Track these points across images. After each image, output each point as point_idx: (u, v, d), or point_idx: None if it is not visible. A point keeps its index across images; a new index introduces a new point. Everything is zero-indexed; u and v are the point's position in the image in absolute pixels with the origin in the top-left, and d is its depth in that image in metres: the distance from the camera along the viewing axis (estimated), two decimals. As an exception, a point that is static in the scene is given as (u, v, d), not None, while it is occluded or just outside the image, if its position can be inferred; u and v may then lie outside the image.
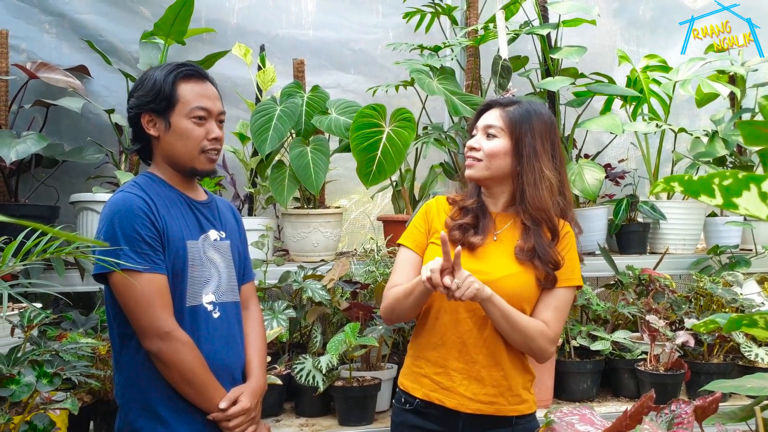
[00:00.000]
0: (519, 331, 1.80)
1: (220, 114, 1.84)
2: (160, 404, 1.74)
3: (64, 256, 1.66)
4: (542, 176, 1.85)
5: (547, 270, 1.85)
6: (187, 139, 1.78)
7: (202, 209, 1.87)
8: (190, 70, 1.82)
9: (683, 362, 2.63)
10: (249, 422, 1.81)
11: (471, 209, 1.93)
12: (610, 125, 3.09)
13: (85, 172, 3.05)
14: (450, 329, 1.88)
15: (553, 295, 1.87)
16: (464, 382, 1.85)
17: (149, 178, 1.83)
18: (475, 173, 1.91)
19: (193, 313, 1.77)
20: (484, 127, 1.91)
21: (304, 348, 2.73)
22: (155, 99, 1.79)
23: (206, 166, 1.83)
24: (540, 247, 1.85)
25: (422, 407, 1.89)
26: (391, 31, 3.64)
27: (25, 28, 3.09)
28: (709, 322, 1.21)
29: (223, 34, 3.36)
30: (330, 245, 3.01)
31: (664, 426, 1.05)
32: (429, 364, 1.89)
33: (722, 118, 3.61)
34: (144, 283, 1.68)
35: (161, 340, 1.68)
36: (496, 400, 1.86)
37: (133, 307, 1.69)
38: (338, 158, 3.17)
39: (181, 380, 1.72)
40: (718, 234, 3.45)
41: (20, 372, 1.58)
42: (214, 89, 1.86)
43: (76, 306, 2.62)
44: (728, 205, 0.75)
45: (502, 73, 3.06)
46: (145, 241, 1.70)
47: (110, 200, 1.77)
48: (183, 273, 1.76)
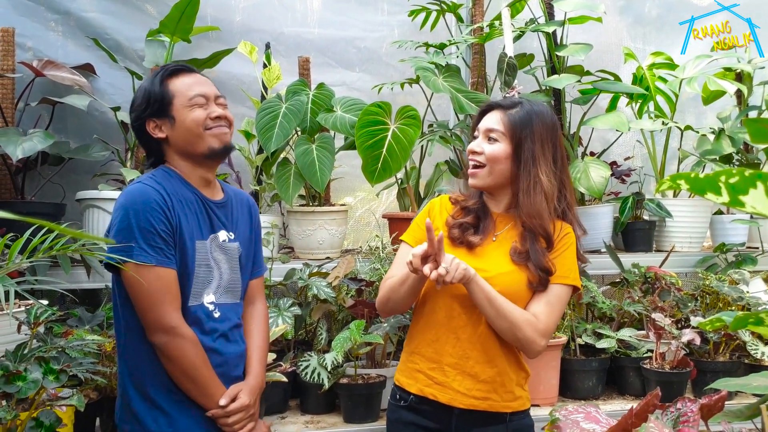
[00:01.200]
0: (504, 317, 1.79)
1: (218, 97, 1.85)
2: (161, 396, 1.76)
3: (70, 253, 1.66)
4: (537, 182, 1.84)
5: (540, 275, 1.85)
6: (192, 122, 1.80)
7: (216, 210, 1.87)
8: (175, 67, 1.85)
9: (689, 360, 2.63)
10: (248, 419, 1.82)
11: (472, 209, 1.93)
12: (616, 123, 3.08)
13: (91, 169, 3.06)
14: (444, 325, 1.89)
15: (546, 292, 1.87)
16: (458, 378, 1.86)
17: (167, 172, 1.83)
18: (478, 182, 1.91)
19: (197, 312, 1.79)
20: (486, 131, 1.90)
21: (310, 345, 2.73)
22: (149, 103, 1.81)
23: (216, 143, 1.82)
24: (533, 253, 1.85)
25: (417, 403, 1.90)
26: (396, 29, 3.64)
27: (31, 26, 3.10)
28: (716, 320, 1.21)
29: (228, 31, 3.37)
30: (335, 243, 3.02)
31: (669, 424, 1.05)
32: (424, 359, 1.91)
33: (729, 115, 3.60)
34: (155, 277, 1.69)
35: (166, 335, 1.70)
36: (490, 396, 1.86)
37: (141, 300, 1.70)
38: (343, 156, 3.17)
39: (183, 375, 1.73)
40: (725, 232, 3.44)
41: (27, 369, 1.58)
42: (205, 77, 1.89)
43: (82, 303, 2.63)
44: (735, 203, 0.75)
45: (508, 71, 3.06)
46: (160, 235, 1.71)
47: (127, 190, 1.77)
48: (190, 272, 1.77)
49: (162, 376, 1.75)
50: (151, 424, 1.75)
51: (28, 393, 1.54)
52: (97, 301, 2.70)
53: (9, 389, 1.53)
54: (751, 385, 1.18)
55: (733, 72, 3.53)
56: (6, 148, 2.51)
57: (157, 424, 1.75)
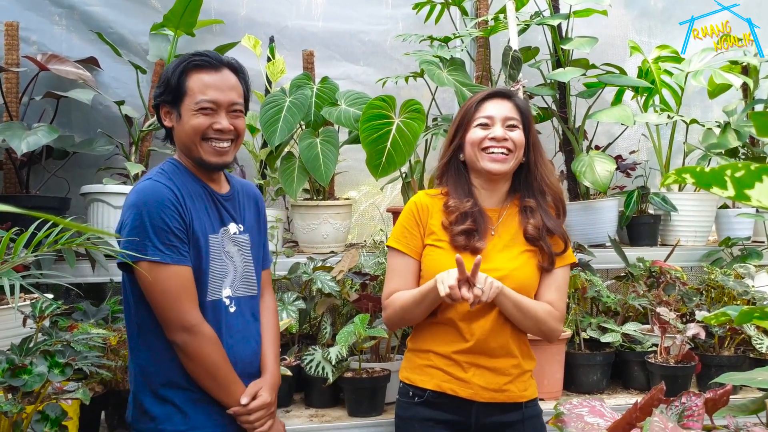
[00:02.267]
0: (531, 318, 1.87)
1: (231, 105, 1.77)
2: (174, 393, 1.75)
3: (75, 247, 1.66)
4: (543, 160, 2.01)
5: (550, 251, 1.93)
6: (191, 130, 1.76)
7: (224, 203, 1.86)
8: (201, 59, 1.78)
9: (694, 354, 2.62)
10: (269, 416, 1.82)
11: (470, 213, 1.93)
12: (621, 116, 3.07)
13: (95, 163, 3.06)
14: (456, 321, 1.89)
15: (553, 277, 1.95)
16: (477, 373, 1.89)
17: (175, 165, 1.82)
18: (505, 167, 1.95)
19: (214, 308, 1.78)
20: (504, 119, 1.94)
21: (314, 339, 2.73)
22: (165, 91, 1.78)
23: (211, 157, 1.77)
24: (550, 221, 1.94)
25: (434, 398, 1.91)
26: (400, 22, 3.63)
27: (35, 20, 3.10)
28: (721, 314, 1.21)
29: (232, 25, 3.36)
30: (339, 237, 3.02)
31: (674, 418, 1.05)
32: (437, 356, 1.92)
33: (735, 109, 3.58)
34: (171, 275, 1.68)
35: (187, 334, 1.69)
36: (508, 388, 1.90)
37: (159, 299, 1.69)
38: (348, 150, 3.16)
39: (204, 374, 1.72)
40: (730, 226, 3.43)
41: (32, 362, 1.59)
42: (231, 78, 1.80)
43: (87, 297, 2.63)
44: (740, 197, 0.74)
45: (513, 64, 3.05)
46: (174, 233, 1.69)
47: (137, 188, 1.74)
48: (206, 267, 1.76)
49: (175, 374, 1.74)
50: (166, 422, 1.74)
51: (34, 386, 1.54)
52: (102, 295, 2.71)
53: (15, 382, 1.53)
54: (756, 380, 1.17)
55: (739, 65, 3.51)
56: (11, 142, 2.51)
57: (171, 422, 1.74)
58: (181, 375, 1.74)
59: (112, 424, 2.21)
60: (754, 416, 1.17)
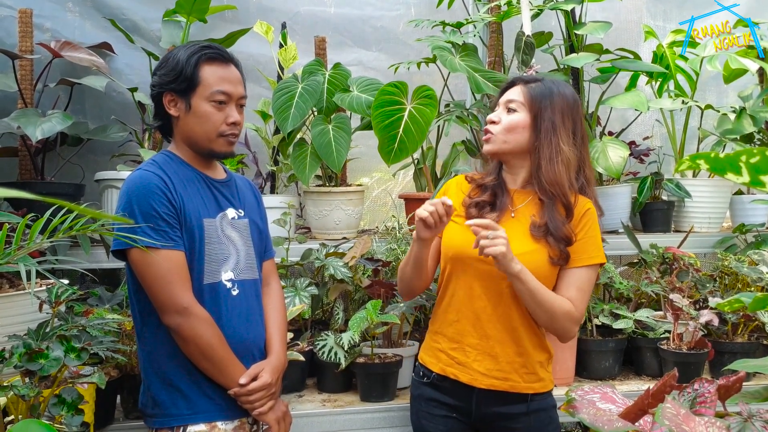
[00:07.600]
0: (545, 310, 1.81)
1: (241, 98, 1.85)
2: (180, 378, 1.77)
3: (89, 233, 1.68)
4: (559, 151, 1.85)
5: (560, 248, 1.85)
6: (206, 122, 1.79)
7: (220, 188, 1.88)
8: (213, 52, 1.81)
9: (707, 341, 2.62)
10: (269, 397, 1.83)
11: (489, 186, 1.94)
12: (634, 102, 3.05)
13: (109, 150, 3.08)
14: (465, 305, 1.90)
15: (576, 275, 1.86)
16: (478, 358, 1.88)
17: (167, 156, 1.85)
18: (491, 147, 1.92)
19: (213, 291, 1.80)
20: (506, 102, 1.92)
21: (326, 325, 2.74)
22: (177, 79, 1.79)
23: (224, 148, 1.84)
24: (552, 223, 1.85)
25: (438, 380, 1.95)
26: (413, 8, 3.61)
27: (49, 7, 3.11)
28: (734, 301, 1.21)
29: (244, 11, 3.36)
30: (352, 223, 3.02)
31: (686, 405, 1.05)
32: (446, 339, 1.94)
33: (750, 94, 3.55)
34: (162, 259, 1.70)
35: (180, 316, 1.71)
36: (510, 377, 1.88)
37: (151, 283, 1.72)
38: (360, 136, 3.16)
39: (199, 355, 1.75)
40: (744, 212, 3.40)
41: (49, 347, 1.60)
42: (237, 72, 1.86)
43: (101, 282, 2.66)
44: (755, 183, 0.74)
45: (525, 50, 3.02)
46: (162, 218, 1.72)
47: (128, 178, 1.78)
48: (200, 251, 1.78)
49: (179, 359, 1.76)
50: (171, 408, 1.77)
51: (51, 371, 1.56)
52: (117, 281, 2.73)
53: (32, 367, 1.55)
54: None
55: (755, 50, 3.47)
56: (26, 129, 2.53)
57: (176, 407, 1.77)
58: (184, 359, 1.76)
59: (127, 408, 2.23)
60: (767, 403, 1.17)
